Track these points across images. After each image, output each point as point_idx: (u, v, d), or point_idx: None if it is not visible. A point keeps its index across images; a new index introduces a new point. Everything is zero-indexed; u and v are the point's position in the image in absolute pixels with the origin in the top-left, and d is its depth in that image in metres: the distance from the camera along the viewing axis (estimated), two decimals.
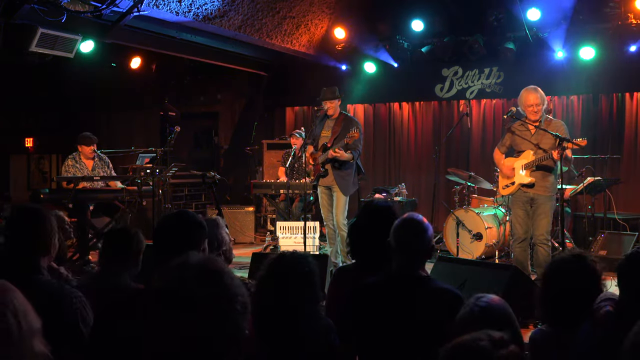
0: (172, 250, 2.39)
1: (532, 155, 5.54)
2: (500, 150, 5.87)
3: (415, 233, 2.66)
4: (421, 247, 2.66)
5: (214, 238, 3.09)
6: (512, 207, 5.81)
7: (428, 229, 2.70)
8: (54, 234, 2.57)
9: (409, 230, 2.67)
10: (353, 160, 6.44)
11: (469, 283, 4.73)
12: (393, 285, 2.64)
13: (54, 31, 6.32)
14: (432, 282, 2.67)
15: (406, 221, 2.70)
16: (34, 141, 12.18)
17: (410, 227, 2.68)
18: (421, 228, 2.67)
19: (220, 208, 7.45)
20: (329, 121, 6.65)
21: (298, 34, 8.81)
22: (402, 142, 9.86)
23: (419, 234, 2.66)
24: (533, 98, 5.50)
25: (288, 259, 2.44)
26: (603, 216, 7.29)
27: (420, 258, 2.68)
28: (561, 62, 8.34)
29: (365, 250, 3.08)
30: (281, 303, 2.31)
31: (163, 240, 2.48)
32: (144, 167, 7.34)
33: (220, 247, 3.11)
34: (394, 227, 2.70)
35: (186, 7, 6.97)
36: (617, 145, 8.39)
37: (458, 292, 2.64)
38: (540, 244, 5.49)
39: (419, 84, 9.54)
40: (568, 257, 2.51)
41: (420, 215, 2.78)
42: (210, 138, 11.66)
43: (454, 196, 7.81)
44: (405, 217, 2.74)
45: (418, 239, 2.65)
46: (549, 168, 5.50)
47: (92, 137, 7.46)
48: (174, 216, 2.59)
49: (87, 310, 2.42)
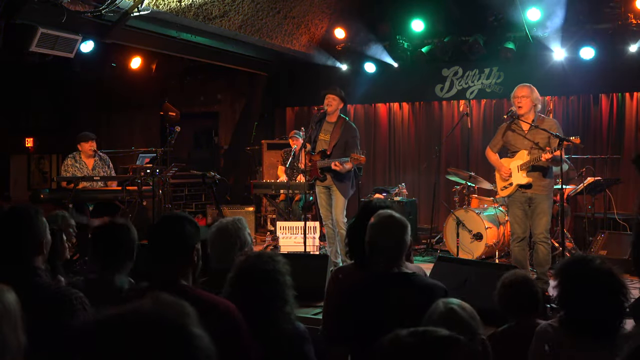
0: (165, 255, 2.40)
1: (526, 156, 5.54)
2: (493, 150, 5.87)
3: (383, 232, 2.67)
4: (390, 245, 2.67)
5: (237, 239, 3.08)
6: (510, 207, 5.81)
7: (395, 226, 2.68)
8: (45, 231, 2.55)
9: (379, 229, 2.68)
10: (352, 167, 6.43)
11: (469, 283, 4.73)
12: (374, 284, 2.66)
13: (54, 31, 6.32)
14: (415, 278, 2.68)
15: (377, 220, 2.71)
16: (34, 141, 12.17)
17: (378, 226, 2.69)
18: (391, 226, 2.68)
19: (220, 208, 7.46)
20: (328, 124, 6.53)
21: (298, 34, 8.81)
22: (402, 142, 9.85)
23: (387, 232, 2.67)
24: (520, 90, 5.52)
25: (253, 258, 2.47)
26: (603, 216, 7.29)
27: (394, 255, 2.67)
28: (561, 62, 8.34)
29: (363, 250, 3.08)
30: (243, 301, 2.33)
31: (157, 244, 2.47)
32: (144, 167, 7.35)
33: (243, 247, 3.10)
34: (367, 227, 2.70)
35: (186, 7, 6.97)
36: (617, 145, 8.39)
37: (442, 285, 2.66)
38: (540, 243, 5.50)
39: (419, 84, 9.54)
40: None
41: (390, 212, 2.77)
42: (210, 138, 11.66)
43: (454, 196, 7.81)
44: (376, 215, 2.74)
45: (386, 237, 2.66)
46: (545, 167, 5.51)
47: (91, 134, 7.47)
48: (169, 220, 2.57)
49: (88, 310, 2.41)
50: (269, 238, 8.17)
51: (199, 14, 7.21)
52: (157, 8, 6.64)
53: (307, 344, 2.49)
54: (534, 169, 5.50)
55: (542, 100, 7.09)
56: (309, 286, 5.05)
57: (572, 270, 2.39)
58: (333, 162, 6.26)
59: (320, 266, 5.42)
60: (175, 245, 2.42)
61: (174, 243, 2.42)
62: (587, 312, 2.29)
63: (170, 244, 2.42)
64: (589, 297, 2.30)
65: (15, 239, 2.47)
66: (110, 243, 3.01)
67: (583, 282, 2.33)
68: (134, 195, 7.00)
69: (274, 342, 2.38)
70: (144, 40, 7.91)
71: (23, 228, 2.49)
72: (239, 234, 3.07)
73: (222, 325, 2.19)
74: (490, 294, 3.07)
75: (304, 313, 4.82)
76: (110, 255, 3.00)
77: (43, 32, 6.20)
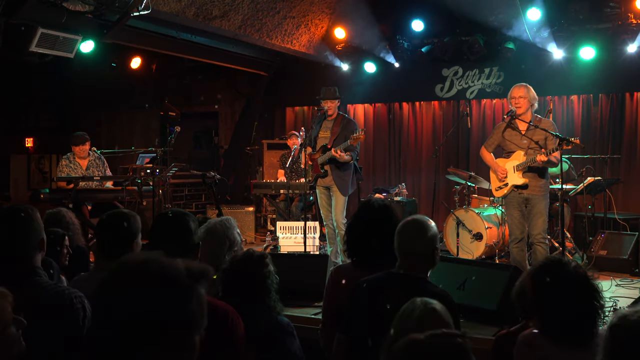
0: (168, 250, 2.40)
1: (523, 156, 5.54)
2: (488, 149, 5.86)
3: (414, 237, 2.67)
4: (421, 251, 2.67)
5: (225, 239, 3.08)
6: (507, 208, 5.80)
7: (427, 232, 2.69)
8: (41, 229, 2.52)
9: (408, 233, 2.68)
10: (352, 161, 6.45)
11: (469, 283, 4.73)
12: (391, 282, 2.65)
13: (54, 31, 6.32)
14: (428, 284, 2.67)
15: (407, 224, 2.71)
16: (34, 141, 12.19)
17: (409, 230, 2.69)
18: (421, 231, 2.68)
19: (220, 208, 7.45)
20: (327, 122, 6.62)
21: (298, 34, 8.81)
22: (402, 142, 9.85)
23: (418, 238, 2.67)
24: (516, 91, 5.53)
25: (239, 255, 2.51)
26: (603, 216, 7.29)
27: (422, 260, 2.68)
28: (561, 62, 8.34)
29: (361, 249, 3.08)
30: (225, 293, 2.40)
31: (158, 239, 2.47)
32: (144, 167, 7.36)
33: (232, 247, 3.10)
34: (397, 229, 2.70)
35: (186, 7, 6.97)
36: (617, 145, 8.39)
37: (449, 295, 2.64)
38: (538, 243, 5.49)
39: (419, 84, 9.54)
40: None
41: (424, 218, 2.77)
42: (210, 138, 11.66)
43: (454, 196, 7.81)
44: (408, 219, 2.74)
45: (416, 243, 2.66)
46: (542, 168, 5.50)
47: (84, 136, 7.44)
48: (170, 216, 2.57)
49: (88, 308, 2.40)
50: (269, 238, 8.17)
51: (199, 14, 7.21)
52: (157, 8, 6.64)
53: (289, 337, 2.51)
54: (530, 169, 5.50)
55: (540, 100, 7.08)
56: (309, 286, 5.07)
57: (546, 273, 2.39)
58: (333, 149, 6.30)
59: (320, 266, 5.41)
60: (179, 244, 2.42)
61: (180, 241, 2.42)
62: (561, 316, 2.31)
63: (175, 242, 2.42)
64: (561, 300, 2.31)
65: (14, 237, 2.45)
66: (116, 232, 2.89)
67: (555, 286, 2.34)
68: (134, 195, 7.00)
69: (255, 334, 2.40)
70: (144, 40, 7.91)
71: (22, 226, 2.47)
72: (228, 234, 3.08)
73: (220, 327, 2.20)
74: (490, 294, 3.07)
75: (304, 313, 4.83)
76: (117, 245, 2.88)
77: (43, 32, 6.20)
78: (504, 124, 5.70)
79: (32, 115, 12.02)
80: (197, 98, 11.30)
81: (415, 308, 2.01)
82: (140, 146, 9.89)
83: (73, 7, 6.19)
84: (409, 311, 2.02)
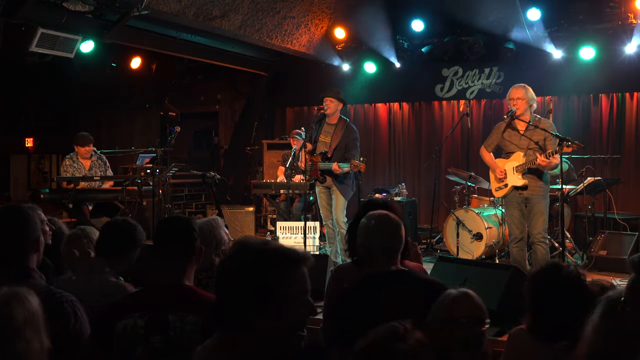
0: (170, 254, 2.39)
1: (522, 157, 5.54)
2: (488, 149, 5.86)
3: (393, 233, 2.70)
4: (399, 246, 2.70)
5: (212, 238, 3.09)
6: (506, 208, 5.80)
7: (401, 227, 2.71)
8: (38, 229, 2.48)
9: (370, 230, 2.71)
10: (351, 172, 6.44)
11: (469, 283, 4.73)
12: (371, 282, 2.67)
13: (54, 31, 6.33)
14: (410, 275, 2.70)
15: (381, 221, 2.73)
16: (34, 141, 12.18)
17: (369, 227, 2.71)
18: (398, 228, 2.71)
19: (220, 208, 7.46)
20: (328, 126, 6.57)
21: (298, 34, 8.81)
22: (402, 142, 9.86)
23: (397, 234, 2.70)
24: (514, 92, 5.53)
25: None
26: (603, 216, 7.29)
27: (389, 254, 2.70)
28: (561, 62, 8.34)
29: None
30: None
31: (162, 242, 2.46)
32: (144, 167, 7.35)
33: (219, 246, 3.11)
34: (370, 227, 2.72)
35: (186, 6, 6.97)
36: (617, 145, 8.39)
37: (438, 281, 2.69)
38: (538, 243, 5.49)
39: (419, 84, 9.54)
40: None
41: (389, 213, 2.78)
42: (210, 138, 11.66)
43: (454, 196, 7.81)
44: (375, 216, 2.75)
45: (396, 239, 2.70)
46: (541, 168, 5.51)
47: (88, 137, 7.45)
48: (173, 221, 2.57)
49: (79, 313, 2.35)
50: (269, 238, 8.17)
51: (199, 14, 7.21)
52: (156, 8, 6.64)
53: None
54: (529, 170, 5.50)
55: (540, 100, 7.09)
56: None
57: (542, 276, 2.46)
58: (334, 164, 6.29)
59: (320, 266, 5.41)
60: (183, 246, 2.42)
61: (182, 243, 2.41)
62: (552, 318, 2.34)
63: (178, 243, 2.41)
64: (554, 302, 2.35)
65: (5, 238, 2.41)
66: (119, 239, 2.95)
67: (550, 288, 2.39)
68: (134, 195, 7.00)
69: None
70: (144, 40, 7.91)
71: (14, 227, 2.42)
72: (214, 234, 3.08)
73: None
74: (490, 294, 3.07)
75: None
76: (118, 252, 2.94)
77: (43, 32, 6.20)
78: (504, 124, 5.70)
79: (32, 115, 12.02)
80: (197, 98, 11.29)
81: (449, 295, 2.21)
82: (140, 146, 9.88)
83: (73, 7, 6.19)
84: (444, 298, 2.22)
